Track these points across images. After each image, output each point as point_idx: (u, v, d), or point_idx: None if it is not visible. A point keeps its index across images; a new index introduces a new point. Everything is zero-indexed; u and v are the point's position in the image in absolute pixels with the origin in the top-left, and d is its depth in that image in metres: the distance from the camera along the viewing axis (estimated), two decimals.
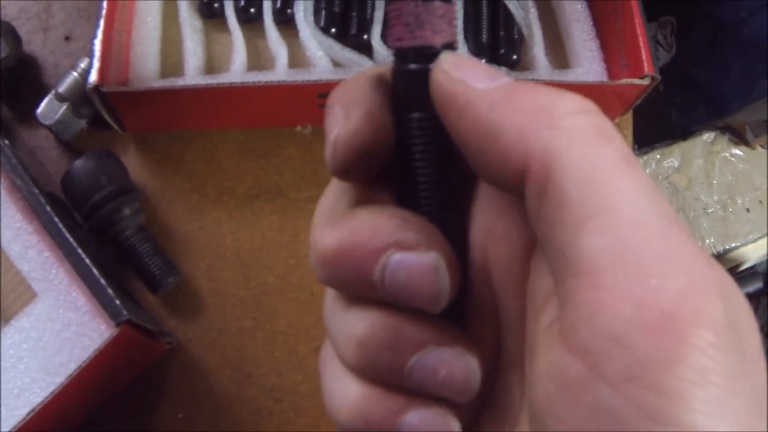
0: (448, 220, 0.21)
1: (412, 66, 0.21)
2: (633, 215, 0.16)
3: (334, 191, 0.22)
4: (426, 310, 0.20)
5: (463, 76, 0.19)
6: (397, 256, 0.19)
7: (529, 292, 0.20)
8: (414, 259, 0.19)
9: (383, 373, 0.20)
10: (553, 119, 0.18)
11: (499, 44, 0.52)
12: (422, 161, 0.21)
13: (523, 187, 0.18)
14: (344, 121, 0.20)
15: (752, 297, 0.67)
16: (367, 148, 0.20)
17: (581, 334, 0.16)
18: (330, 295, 0.22)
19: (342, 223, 0.20)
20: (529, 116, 0.18)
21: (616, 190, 0.17)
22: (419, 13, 0.20)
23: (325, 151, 0.21)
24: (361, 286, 0.20)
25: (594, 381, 0.16)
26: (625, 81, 0.48)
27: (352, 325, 0.21)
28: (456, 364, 0.20)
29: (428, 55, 0.20)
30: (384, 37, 0.51)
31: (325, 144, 0.21)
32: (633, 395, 0.15)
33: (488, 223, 0.21)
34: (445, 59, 0.20)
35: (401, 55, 0.21)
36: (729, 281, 0.17)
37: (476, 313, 0.22)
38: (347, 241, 0.20)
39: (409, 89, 0.21)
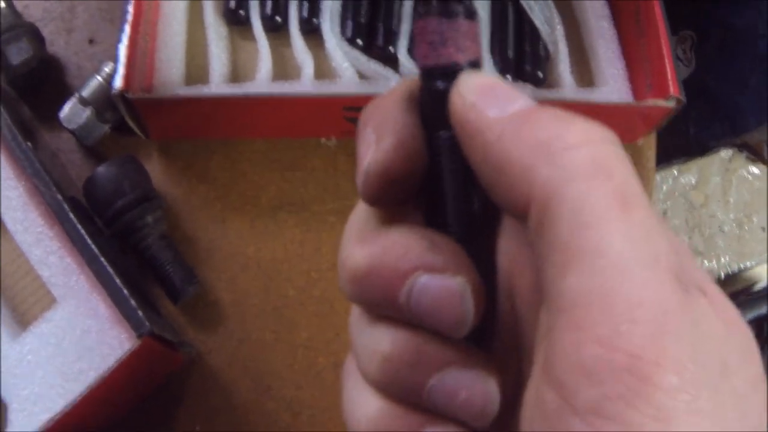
0: (476, 242, 0.21)
1: (438, 84, 0.20)
2: (614, 259, 0.17)
3: (365, 208, 0.22)
4: (449, 334, 0.20)
5: (477, 100, 0.19)
6: (423, 279, 0.20)
7: (539, 322, 0.20)
8: (440, 283, 0.20)
9: (403, 390, 0.21)
10: (554, 154, 0.18)
11: (525, 60, 0.52)
12: (449, 181, 0.21)
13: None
14: (375, 148, 0.20)
15: (766, 319, 0.67)
16: (398, 178, 0.20)
17: (557, 367, 0.17)
18: (356, 309, 0.22)
19: (372, 241, 0.21)
20: (533, 151, 0.18)
21: (603, 234, 0.17)
22: (443, 30, 0.20)
23: (357, 178, 0.21)
24: (387, 307, 0.20)
25: (565, 411, 0.16)
26: (650, 102, 0.48)
27: (376, 340, 0.21)
28: (476, 388, 0.20)
29: (453, 73, 0.20)
30: (411, 54, 0.50)
31: (357, 171, 0.21)
32: (598, 426, 0.16)
33: (514, 249, 0.21)
34: (464, 81, 0.20)
35: (427, 74, 0.21)
36: (710, 321, 0.17)
37: (501, 339, 0.22)
38: (376, 261, 0.20)
39: (434, 108, 0.21)
